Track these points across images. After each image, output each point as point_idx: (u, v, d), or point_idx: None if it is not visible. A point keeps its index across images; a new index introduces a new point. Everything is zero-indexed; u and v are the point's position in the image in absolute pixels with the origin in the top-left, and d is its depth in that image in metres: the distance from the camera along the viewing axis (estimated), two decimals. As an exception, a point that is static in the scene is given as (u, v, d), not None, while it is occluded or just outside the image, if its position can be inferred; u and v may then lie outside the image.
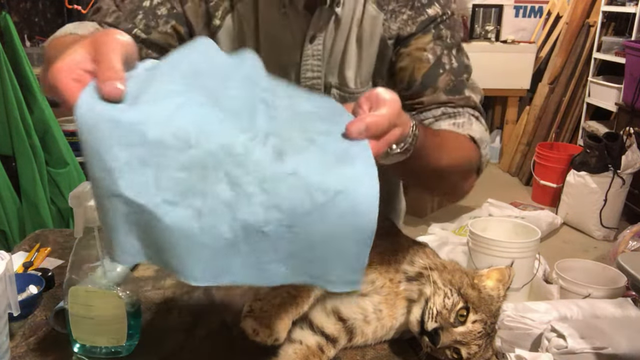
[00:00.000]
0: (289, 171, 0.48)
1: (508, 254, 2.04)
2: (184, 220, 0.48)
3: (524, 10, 4.35)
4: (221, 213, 0.48)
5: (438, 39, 0.89)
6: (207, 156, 0.48)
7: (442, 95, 0.88)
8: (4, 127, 2.07)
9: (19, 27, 2.31)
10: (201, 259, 0.49)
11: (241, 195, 0.48)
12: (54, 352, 0.75)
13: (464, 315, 0.69)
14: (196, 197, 0.48)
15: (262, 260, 0.49)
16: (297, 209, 0.48)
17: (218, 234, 0.48)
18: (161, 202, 0.47)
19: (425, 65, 0.88)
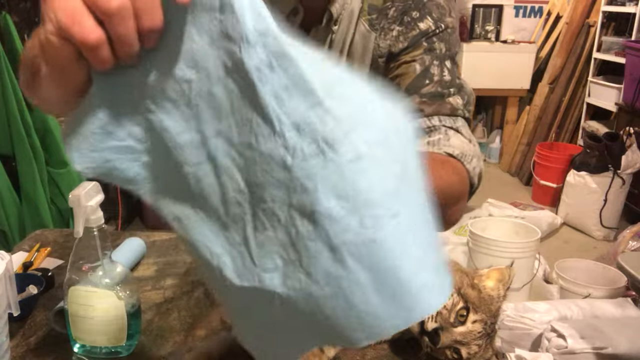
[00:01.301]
0: (351, 159, 0.38)
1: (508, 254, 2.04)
2: (293, 280, 0.39)
3: (524, 10, 4.35)
4: (317, 252, 0.38)
5: (429, 51, 0.85)
6: (266, 203, 0.40)
7: (416, 99, 0.82)
8: (4, 127, 2.07)
9: (19, 27, 2.31)
10: (339, 317, 0.38)
11: (321, 220, 0.38)
12: (54, 352, 0.75)
13: (464, 315, 0.69)
14: (287, 249, 0.40)
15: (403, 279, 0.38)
16: (388, 192, 0.39)
17: (330, 278, 0.38)
18: (264, 273, 0.40)
19: (410, 76, 0.84)
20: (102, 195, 0.70)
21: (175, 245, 1.06)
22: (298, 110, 0.38)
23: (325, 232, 0.38)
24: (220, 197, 0.41)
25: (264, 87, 0.39)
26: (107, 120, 0.42)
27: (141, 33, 0.39)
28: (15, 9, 2.55)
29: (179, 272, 0.96)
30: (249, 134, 0.40)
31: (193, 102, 0.41)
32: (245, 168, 0.40)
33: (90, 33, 0.37)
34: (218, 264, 0.42)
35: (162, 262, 1.00)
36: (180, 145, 0.41)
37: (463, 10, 4.22)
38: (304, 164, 0.38)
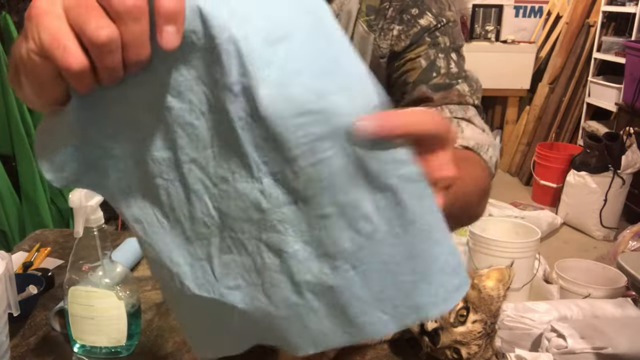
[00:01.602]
0: (319, 215, 0.41)
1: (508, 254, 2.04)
2: (253, 300, 0.43)
3: (524, 10, 4.35)
4: (280, 282, 0.41)
5: (434, 45, 0.85)
6: (236, 233, 0.42)
7: (423, 87, 0.82)
8: (4, 127, 2.07)
9: (19, 27, 2.31)
10: (292, 331, 0.43)
11: (288, 259, 0.41)
12: (54, 352, 0.75)
13: (464, 315, 0.69)
14: (251, 273, 0.43)
15: (350, 315, 0.42)
16: (347, 250, 0.41)
17: (288, 303, 0.42)
18: (225, 290, 0.43)
19: (417, 71, 0.84)
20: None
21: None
22: (275, 161, 0.40)
23: (289, 269, 0.41)
24: (188, 215, 0.43)
25: (245, 136, 0.39)
26: (82, 135, 0.42)
27: (127, 64, 0.37)
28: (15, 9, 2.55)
29: (179, 272, 0.96)
30: (226, 170, 0.41)
31: (172, 129, 0.41)
32: (217, 198, 0.42)
33: (74, 60, 0.35)
34: (177, 272, 0.44)
35: (162, 262, 1.00)
36: (157, 159, 0.42)
37: (463, 10, 4.22)
38: (277, 210, 0.41)
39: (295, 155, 0.39)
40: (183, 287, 0.44)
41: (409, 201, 0.41)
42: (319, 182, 0.40)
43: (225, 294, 0.43)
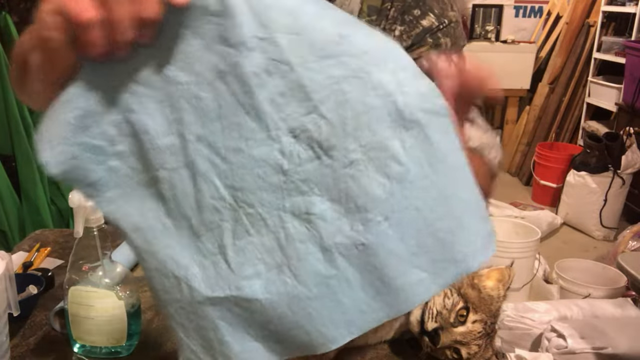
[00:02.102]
0: (345, 164, 0.39)
1: (508, 254, 2.04)
2: (276, 285, 0.40)
3: (524, 10, 4.35)
4: (308, 253, 0.39)
5: (435, 47, 0.85)
6: (254, 208, 0.40)
7: None
8: (4, 127, 2.07)
9: (19, 27, 2.31)
10: (323, 316, 0.40)
11: (315, 222, 0.39)
12: (54, 352, 0.75)
13: (464, 315, 0.69)
14: (273, 253, 0.40)
15: (388, 277, 0.39)
16: (378, 198, 0.38)
17: (318, 278, 0.39)
18: (243, 281, 0.40)
19: None
20: (102, 195, 0.70)
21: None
22: (294, 115, 0.39)
23: (319, 233, 0.39)
24: (195, 204, 0.41)
25: (260, 93, 0.38)
26: (85, 112, 0.41)
27: (136, 21, 0.38)
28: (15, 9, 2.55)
29: (179, 272, 0.96)
30: (237, 139, 0.40)
31: (178, 105, 0.40)
32: (229, 173, 0.40)
33: (86, 10, 0.37)
34: (185, 276, 0.41)
35: (162, 262, 1.00)
36: (160, 147, 0.41)
37: (463, 11, 4.22)
38: (300, 169, 0.39)
39: (321, 98, 0.38)
40: (192, 292, 0.41)
41: (436, 137, 0.39)
42: (344, 126, 0.39)
43: (243, 287, 0.40)
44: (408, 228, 0.39)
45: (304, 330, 0.41)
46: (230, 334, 0.42)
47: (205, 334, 0.43)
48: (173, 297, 0.42)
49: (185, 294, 0.42)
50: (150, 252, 0.42)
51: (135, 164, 0.42)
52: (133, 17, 0.37)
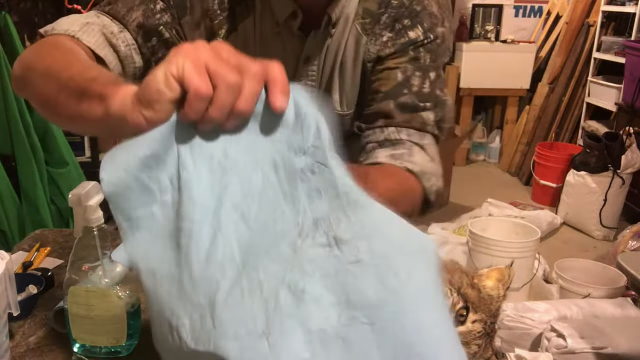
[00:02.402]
0: (352, 261, 0.42)
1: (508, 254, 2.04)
2: (251, 353, 0.41)
3: (524, 10, 4.35)
4: (291, 330, 0.41)
5: (414, 61, 0.86)
6: (257, 273, 0.43)
7: (391, 104, 0.83)
8: (4, 127, 2.07)
9: (19, 27, 2.31)
10: None
11: (308, 302, 0.41)
12: (54, 352, 0.75)
13: (464, 315, 0.69)
14: (258, 320, 0.42)
15: None
16: (370, 302, 0.42)
17: (292, 357, 0.40)
18: (222, 340, 0.41)
19: (391, 83, 0.85)
20: (102, 195, 0.70)
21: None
22: (322, 209, 0.45)
23: (307, 314, 0.42)
24: (205, 257, 0.43)
25: (302, 186, 0.46)
26: (154, 155, 0.45)
27: (233, 110, 0.43)
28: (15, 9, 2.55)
29: (179, 272, 0.96)
30: (268, 215, 0.45)
31: (228, 178, 0.45)
32: (248, 240, 0.44)
33: (206, 85, 0.42)
34: (177, 325, 0.43)
35: (162, 262, 1.00)
36: (196, 204, 0.44)
37: (463, 10, 4.22)
38: (310, 250, 0.44)
39: (352, 200, 0.45)
40: (181, 342, 0.43)
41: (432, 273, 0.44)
42: (362, 229, 0.44)
43: (219, 346, 0.42)
44: (389, 340, 0.41)
45: None
46: None
47: None
48: (167, 342, 0.44)
49: (176, 341, 0.43)
50: (155, 296, 0.45)
51: (171, 216, 0.46)
52: (232, 104, 0.43)
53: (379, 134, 0.85)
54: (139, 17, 0.81)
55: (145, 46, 0.82)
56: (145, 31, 0.82)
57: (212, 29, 0.87)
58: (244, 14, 0.88)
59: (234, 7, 0.87)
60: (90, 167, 2.58)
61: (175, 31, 0.85)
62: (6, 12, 2.15)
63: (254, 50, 0.89)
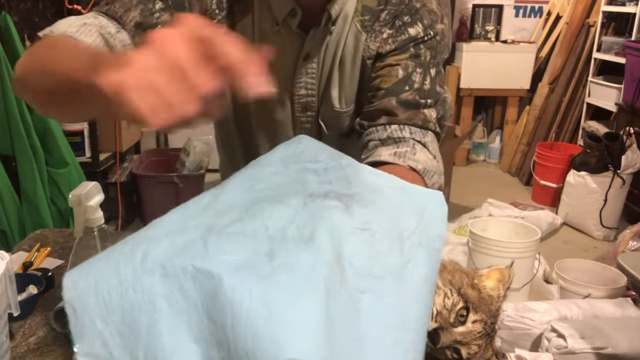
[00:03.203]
0: (359, 226, 0.43)
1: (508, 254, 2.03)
2: (251, 269, 0.40)
3: (524, 10, 4.35)
4: (298, 260, 0.40)
5: (415, 57, 0.86)
6: (262, 214, 0.43)
7: (393, 101, 0.84)
8: (4, 127, 2.07)
9: (19, 27, 2.31)
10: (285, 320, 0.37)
11: (315, 245, 0.41)
12: (54, 352, 0.75)
13: (464, 315, 0.69)
14: (259, 246, 0.41)
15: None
16: (373, 272, 0.43)
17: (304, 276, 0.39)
18: (216, 256, 0.42)
19: (392, 80, 0.85)
20: (102, 195, 0.70)
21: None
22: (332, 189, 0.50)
23: (314, 254, 0.41)
24: (204, 205, 0.47)
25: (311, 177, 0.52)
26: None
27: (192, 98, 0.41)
28: (15, 9, 2.55)
29: (179, 272, 0.96)
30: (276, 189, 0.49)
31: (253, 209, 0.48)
32: (254, 198, 0.47)
33: (143, 104, 0.41)
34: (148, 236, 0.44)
35: (162, 262, 1.00)
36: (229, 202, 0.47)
37: (463, 10, 4.22)
38: (320, 204, 0.46)
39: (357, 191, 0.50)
40: (146, 255, 0.42)
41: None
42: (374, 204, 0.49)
43: (212, 262, 0.40)
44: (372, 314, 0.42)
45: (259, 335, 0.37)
46: (165, 321, 0.39)
47: (135, 316, 0.40)
48: (120, 262, 0.41)
49: (137, 259, 0.40)
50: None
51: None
52: (187, 96, 0.41)
53: (381, 131, 0.84)
54: (136, 17, 0.81)
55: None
56: (143, 30, 0.81)
57: None
58: (242, 13, 0.88)
59: (232, 6, 0.87)
60: (90, 167, 2.58)
61: None
62: (6, 12, 2.15)
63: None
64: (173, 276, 0.39)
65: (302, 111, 0.94)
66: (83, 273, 0.42)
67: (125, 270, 0.40)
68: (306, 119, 0.95)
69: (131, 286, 0.40)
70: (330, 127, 0.95)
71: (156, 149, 3.59)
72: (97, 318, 0.41)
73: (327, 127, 0.95)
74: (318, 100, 0.93)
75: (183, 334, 0.39)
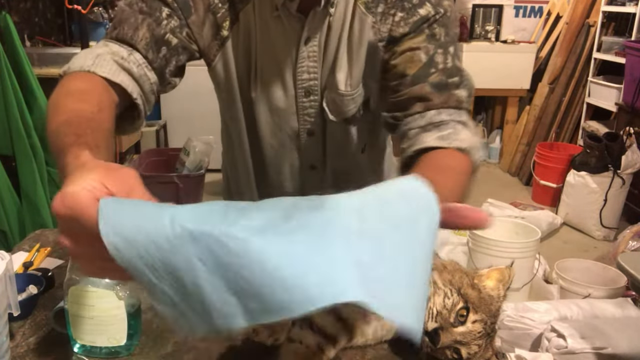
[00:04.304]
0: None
1: (508, 254, 2.04)
2: (271, 227, 0.42)
3: (524, 10, 4.35)
4: (311, 220, 0.44)
5: (431, 38, 0.88)
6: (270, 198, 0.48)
7: (426, 87, 0.86)
8: (4, 127, 2.07)
9: (19, 27, 2.31)
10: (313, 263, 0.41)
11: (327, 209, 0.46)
12: (54, 352, 0.75)
13: (464, 315, 0.69)
14: (272, 212, 0.45)
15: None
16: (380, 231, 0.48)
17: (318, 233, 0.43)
18: (241, 221, 0.43)
19: (417, 65, 0.87)
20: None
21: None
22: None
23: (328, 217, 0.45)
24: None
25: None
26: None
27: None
28: (15, 9, 2.55)
29: (179, 272, 0.96)
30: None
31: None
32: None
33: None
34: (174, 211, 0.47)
35: (162, 262, 1.00)
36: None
37: (463, 11, 4.22)
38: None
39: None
40: (174, 224, 0.44)
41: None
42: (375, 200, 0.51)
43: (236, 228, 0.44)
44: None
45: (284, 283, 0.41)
46: (205, 278, 0.43)
47: (178, 274, 0.44)
48: (150, 228, 0.44)
49: (167, 225, 0.43)
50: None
51: None
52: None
53: (419, 119, 0.86)
54: (145, 34, 0.84)
55: (156, 60, 0.85)
56: (154, 43, 0.85)
57: (216, 23, 0.89)
58: (243, 2, 0.89)
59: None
60: (90, 167, 2.57)
61: (186, 33, 0.88)
62: (6, 12, 2.15)
63: (255, 37, 0.91)
64: (200, 239, 0.43)
65: (305, 96, 0.95)
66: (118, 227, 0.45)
67: (156, 231, 0.44)
68: (309, 104, 0.96)
69: (166, 244, 0.43)
70: (334, 112, 0.96)
71: (156, 148, 3.59)
72: (142, 264, 0.45)
73: (330, 112, 0.95)
74: (321, 85, 0.94)
75: (223, 288, 0.42)
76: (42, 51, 2.67)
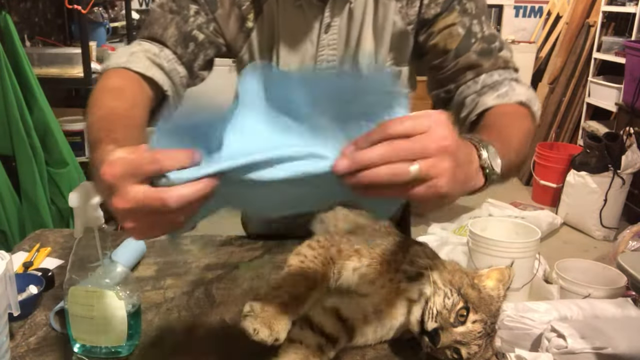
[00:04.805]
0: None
1: (508, 254, 2.04)
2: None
3: (524, 10, 4.35)
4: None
5: (464, 13, 0.91)
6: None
7: (472, 55, 0.90)
8: (4, 127, 2.07)
9: (19, 27, 2.31)
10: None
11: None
12: (54, 352, 0.75)
13: (464, 315, 0.69)
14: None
15: None
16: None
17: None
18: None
19: (457, 39, 0.90)
20: (102, 195, 0.70)
21: (176, 246, 1.06)
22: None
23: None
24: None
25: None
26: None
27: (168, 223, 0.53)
28: (15, 9, 2.55)
29: (179, 272, 0.96)
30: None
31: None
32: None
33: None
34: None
35: (162, 262, 1.00)
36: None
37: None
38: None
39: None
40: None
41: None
42: None
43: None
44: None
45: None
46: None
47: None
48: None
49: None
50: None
51: None
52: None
53: (473, 85, 0.89)
54: (173, 31, 0.91)
55: (185, 55, 0.92)
56: (182, 40, 0.91)
57: (241, 15, 0.94)
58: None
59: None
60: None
61: (213, 28, 0.93)
62: (6, 12, 2.15)
63: (277, 28, 0.94)
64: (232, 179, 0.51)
65: None
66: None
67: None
68: None
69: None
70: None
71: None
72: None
73: None
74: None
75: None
76: (42, 51, 2.67)
